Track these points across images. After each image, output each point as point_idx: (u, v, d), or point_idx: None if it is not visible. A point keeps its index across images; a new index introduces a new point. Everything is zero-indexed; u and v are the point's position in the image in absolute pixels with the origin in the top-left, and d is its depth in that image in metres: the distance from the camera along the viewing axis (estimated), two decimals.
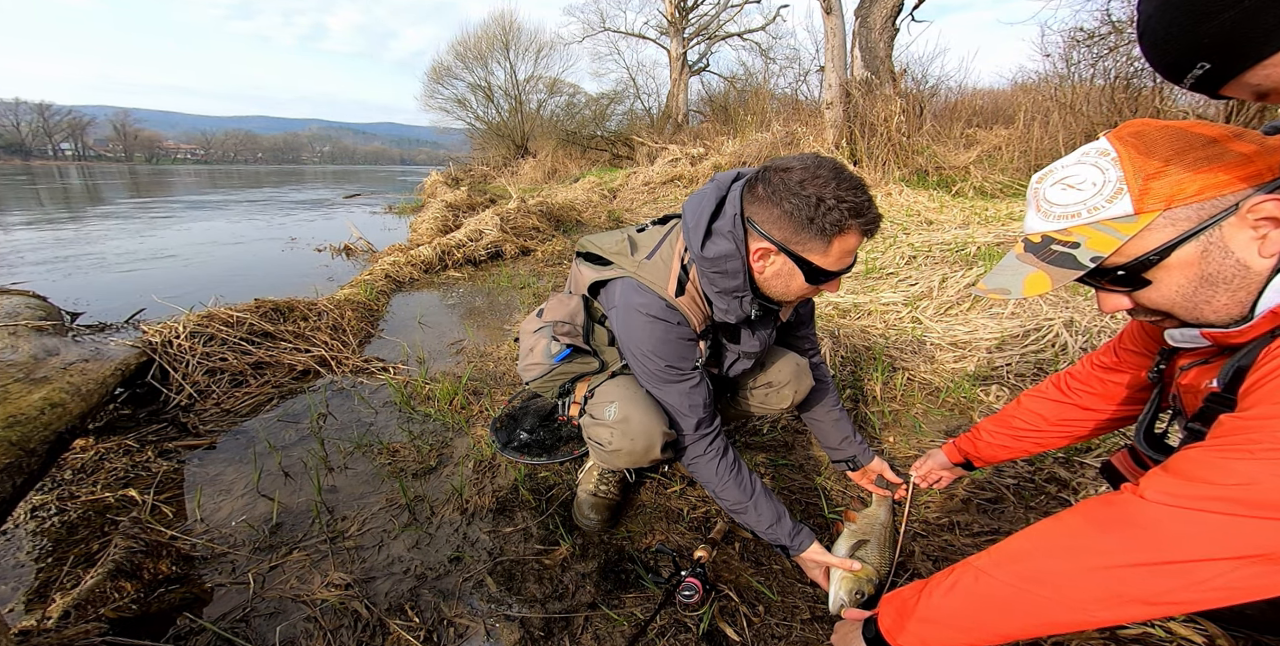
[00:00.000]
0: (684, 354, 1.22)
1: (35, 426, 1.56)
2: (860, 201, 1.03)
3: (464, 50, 22.96)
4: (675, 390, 1.23)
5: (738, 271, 1.12)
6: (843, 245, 1.06)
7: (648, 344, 1.19)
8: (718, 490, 1.26)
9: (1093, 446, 1.84)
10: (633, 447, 1.24)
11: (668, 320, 1.18)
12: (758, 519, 1.24)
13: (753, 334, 1.33)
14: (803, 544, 1.24)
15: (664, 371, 1.21)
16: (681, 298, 1.19)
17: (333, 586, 1.34)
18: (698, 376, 1.25)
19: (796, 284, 1.12)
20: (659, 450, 1.25)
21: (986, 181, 6.31)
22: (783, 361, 1.48)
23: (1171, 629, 1.16)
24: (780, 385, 1.47)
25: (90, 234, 7.43)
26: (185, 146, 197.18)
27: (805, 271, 1.09)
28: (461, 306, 3.97)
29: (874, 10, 7.27)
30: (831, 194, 1.01)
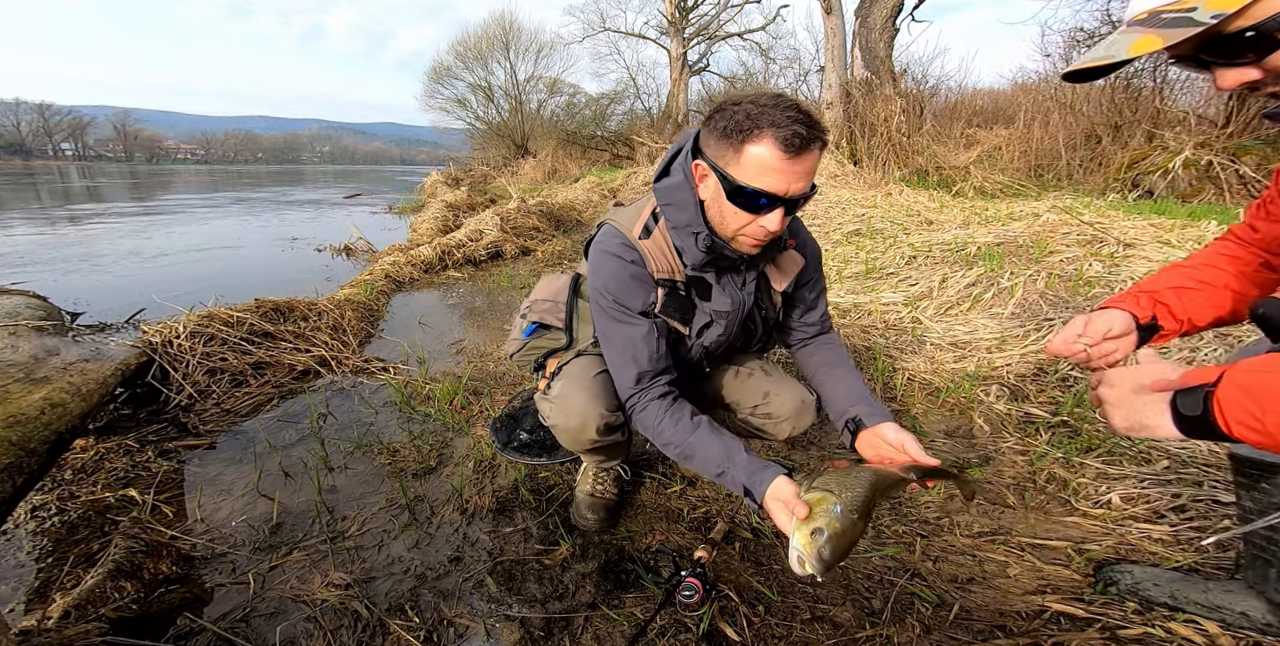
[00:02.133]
0: (634, 292, 1.20)
1: (35, 426, 1.56)
2: (780, 114, 0.96)
3: (464, 50, 22.97)
4: (622, 333, 1.20)
5: (687, 202, 1.12)
6: (756, 155, 0.98)
7: (600, 278, 1.21)
8: (658, 436, 1.17)
9: (1093, 446, 1.84)
10: (567, 424, 1.26)
11: (622, 257, 1.19)
12: (706, 457, 1.11)
13: (723, 291, 1.25)
14: (765, 480, 1.03)
15: (613, 308, 1.21)
16: (645, 241, 1.20)
17: (333, 586, 1.34)
18: (647, 324, 1.20)
19: (726, 207, 1.06)
20: (594, 431, 1.25)
21: (987, 181, 6.31)
22: (789, 395, 1.39)
23: (1172, 629, 1.16)
24: (779, 419, 1.41)
25: (90, 234, 7.44)
26: (185, 146, 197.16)
27: (727, 188, 1.03)
28: (461, 306, 3.97)
29: (874, 10, 7.27)
30: (754, 107, 0.98)
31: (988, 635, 1.19)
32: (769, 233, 1.06)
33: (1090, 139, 6.91)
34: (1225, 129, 5.80)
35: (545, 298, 1.51)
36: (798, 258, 1.31)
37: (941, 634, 1.20)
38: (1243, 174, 5.16)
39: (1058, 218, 3.66)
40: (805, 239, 1.34)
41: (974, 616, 1.24)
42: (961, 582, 1.35)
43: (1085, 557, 1.40)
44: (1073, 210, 3.90)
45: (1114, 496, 1.61)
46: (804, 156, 0.98)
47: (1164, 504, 1.57)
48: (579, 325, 1.44)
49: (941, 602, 1.28)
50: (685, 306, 1.25)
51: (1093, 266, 2.87)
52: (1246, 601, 1.13)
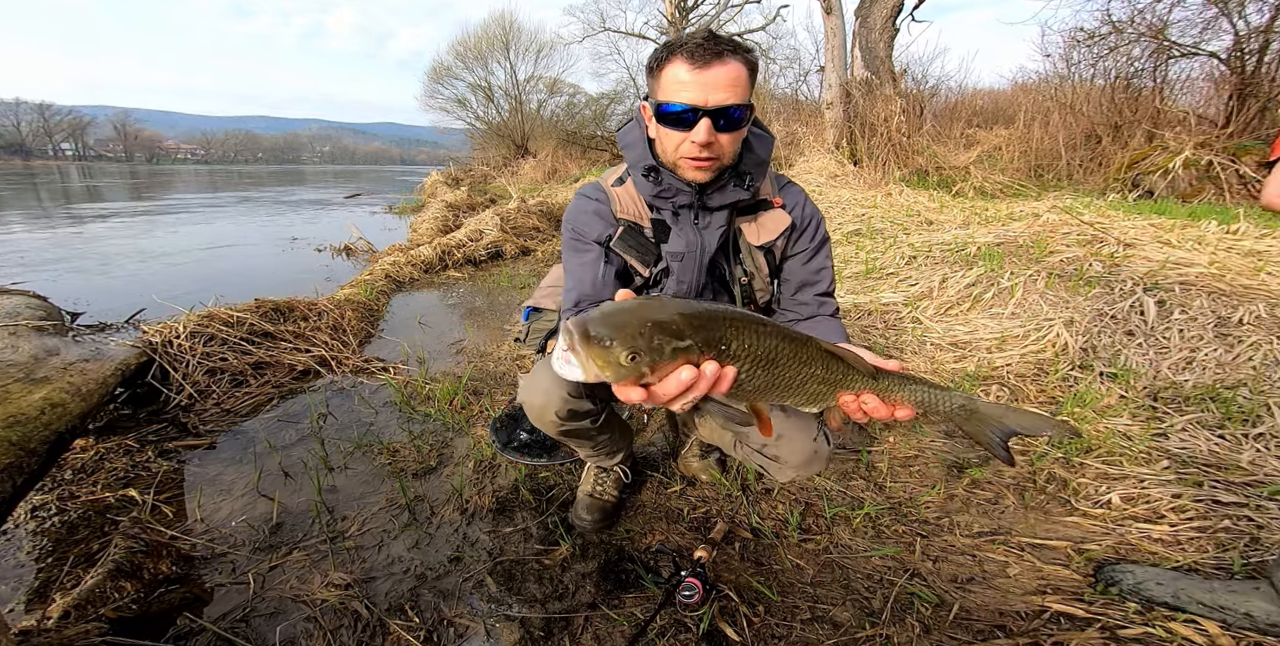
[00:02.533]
0: (592, 223, 1.27)
1: (35, 426, 1.56)
2: (689, 39, 1.05)
3: (464, 50, 22.95)
4: (575, 260, 1.27)
5: (638, 140, 1.21)
6: (670, 73, 1.07)
7: (568, 214, 1.30)
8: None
9: (1093, 447, 1.84)
10: (531, 401, 1.29)
11: (589, 196, 1.29)
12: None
13: (680, 232, 1.25)
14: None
15: (572, 238, 1.28)
16: (618, 188, 1.29)
17: (333, 586, 1.34)
18: (597, 251, 1.26)
19: (662, 132, 1.13)
20: (553, 413, 1.26)
21: (987, 181, 6.30)
22: (801, 441, 1.32)
23: (1172, 628, 1.16)
24: (785, 464, 1.35)
25: (90, 234, 7.43)
26: (185, 146, 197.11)
27: (656, 112, 1.11)
28: (461, 306, 3.97)
29: (874, 10, 7.27)
30: (673, 39, 1.08)
31: (987, 635, 1.19)
32: (700, 145, 1.09)
33: (1090, 139, 6.91)
34: (1225, 129, 5.80)
35: (549, 283, 1.61)
36: (783, 217, 1.28)
37: (941, 633, 1.20)
38: (1243, 174, 5.16)
39: (1058, 218, 3.66)
40: (799, 203, 1.31)
41: (974, 616, 1.24)
42: (961, 582, 1.35)
43: (1085, 557, 1.41)
44: (1073, 210, 3.90)
45: (1114, 496, 1.61)
46: (714, 66, 1.04)
47: (1164, 504, 1.57)
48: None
49: (941, 602, 1.28)
50: (645, 247, 1.27)
51: (1093, 266, 2.87)
52: (1251, 601, 1.13)
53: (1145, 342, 2.33)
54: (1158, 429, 1.89)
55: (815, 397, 0.82)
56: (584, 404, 1.28)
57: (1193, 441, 1.82)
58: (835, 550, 1.47)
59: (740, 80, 1.06)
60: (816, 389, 0.81)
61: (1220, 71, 6.34)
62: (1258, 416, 1.87)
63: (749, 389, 0.77)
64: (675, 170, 1.17)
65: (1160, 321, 2.39)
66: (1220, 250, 2.87)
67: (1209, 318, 2.35)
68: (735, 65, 1.05)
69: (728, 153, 1.14)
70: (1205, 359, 2.19)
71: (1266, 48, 5.77)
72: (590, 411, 1.31)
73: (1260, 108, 5.73)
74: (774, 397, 0.81)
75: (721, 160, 1.14)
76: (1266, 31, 5.74)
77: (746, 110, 1.09)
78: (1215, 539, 1.44)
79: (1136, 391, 2.12)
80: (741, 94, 1.07)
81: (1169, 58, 6.63)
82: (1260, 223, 3.43)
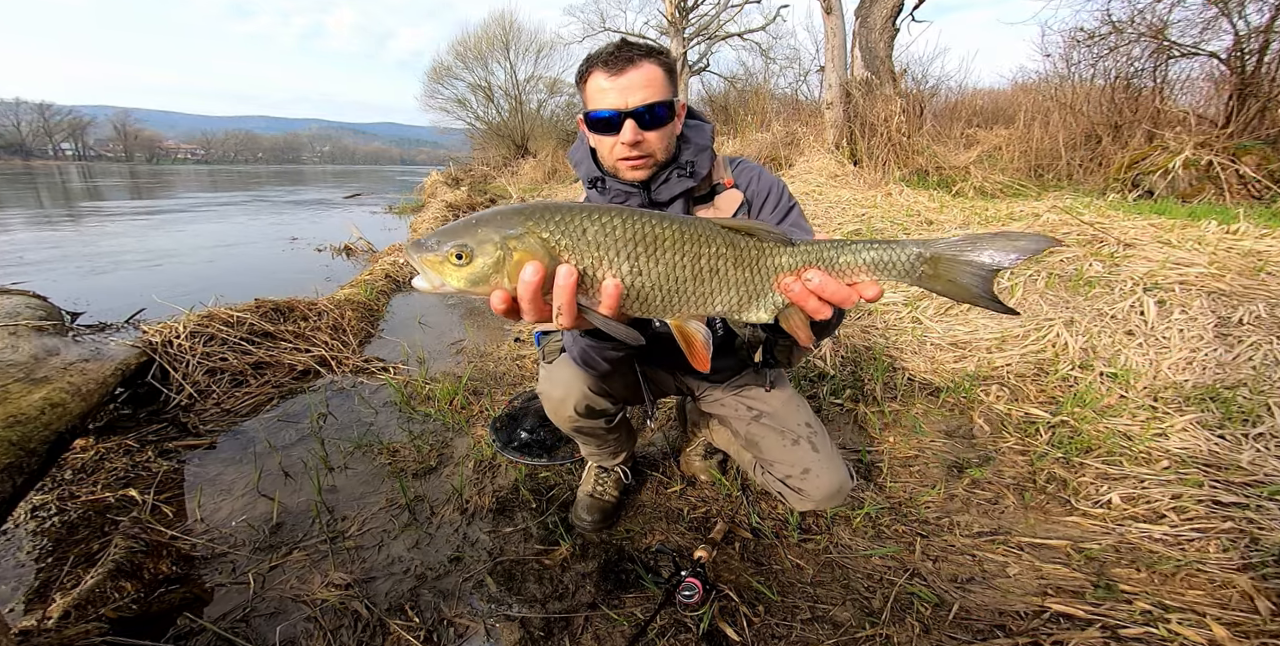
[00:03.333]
0: None
1: (35, 426, 1.56)
2: (603, 49, 1.13)
3: (464, 50, 22.95)
4: None
5: (584, 157, 1.28)
6: (592, 85, 1.14)
7: None
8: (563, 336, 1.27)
9: (1093, 447, 1.84)
10: (551, 393, 1.33)
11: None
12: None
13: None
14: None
15: None
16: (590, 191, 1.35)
17: (333, 586, 1.34)
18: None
19: (595, 140, 1.20)
20: (572, 407, 1.30)
21: (987, 181, 6.30)
22: (828, 477, 1.31)
23: (1174, 628, 1.16)
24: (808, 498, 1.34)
25: (90, 234, 7.43)
26: (185, 146, 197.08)
27: (587, 122, 1.18)
28: (461, 306, 3.96)
29: (874, 10, 7.27)
30: (590, 54, 1.15)
31: (987, 634, 1.19)
32: (628, 145, 1.14)
33: (1090, 139, 6.91)
34: (1225, 129, 5.79)
35: None
36: (735, 195, 1.29)
37: (941, 633, 1.20)
38: (1243, 174, 5.15)
39: (1058, 218, 3.66)
40: (751, 179, 1.31)
41: (973, 616, 1.24)
42: (961, 582, 1.35)
43: (1085, 556, 1.41)
44: (1073, 210, 3.90)
45: (1114, 496, 1.61)
46: (628, 71, 1.10)
47: (1164, 504, 1.57)
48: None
49: (941, 602, 1.28)
50: None
51: (1093, 266, 2.86)
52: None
53: (1145, 342, 2.33)
54: (1158, 429, 1.89)
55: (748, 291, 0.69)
56: (602, 401, 1.31)
57: (1193, 441, 1.82)
58: (835, 550, 1.47)
59: (656, 80, 1.12)
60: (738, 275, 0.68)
61: (1220, 71, 6.34)
62: (1258, 416, 1.87)
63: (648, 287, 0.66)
64: (616, 174, 1.23)
65: (1160, 321, 2.39)
66: (1220, 250, 2.87)
67: (1209, 318, 2.35)
68: (649, 67, 1.11)
69: (659, 148, 1.18)
70: (1205, 359, 2.19)
71: (1266, 48, 5.77)
72: (606, 410, 1.34)
73: (1260, 108, 5.72)
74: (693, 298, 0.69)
75: (655, 156, 1.18)
76: (1266, 31, 5.73)
77: (668, 107, 1.14)
78: (1215, 539, 1.44)
79: (1136, 391, 2.12)
80: (660, 92, 1.12)
81: (1169, 58, 6.62)
82: (1260, 222, 3.43)
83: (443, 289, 0.64)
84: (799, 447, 1.34)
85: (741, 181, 1.30)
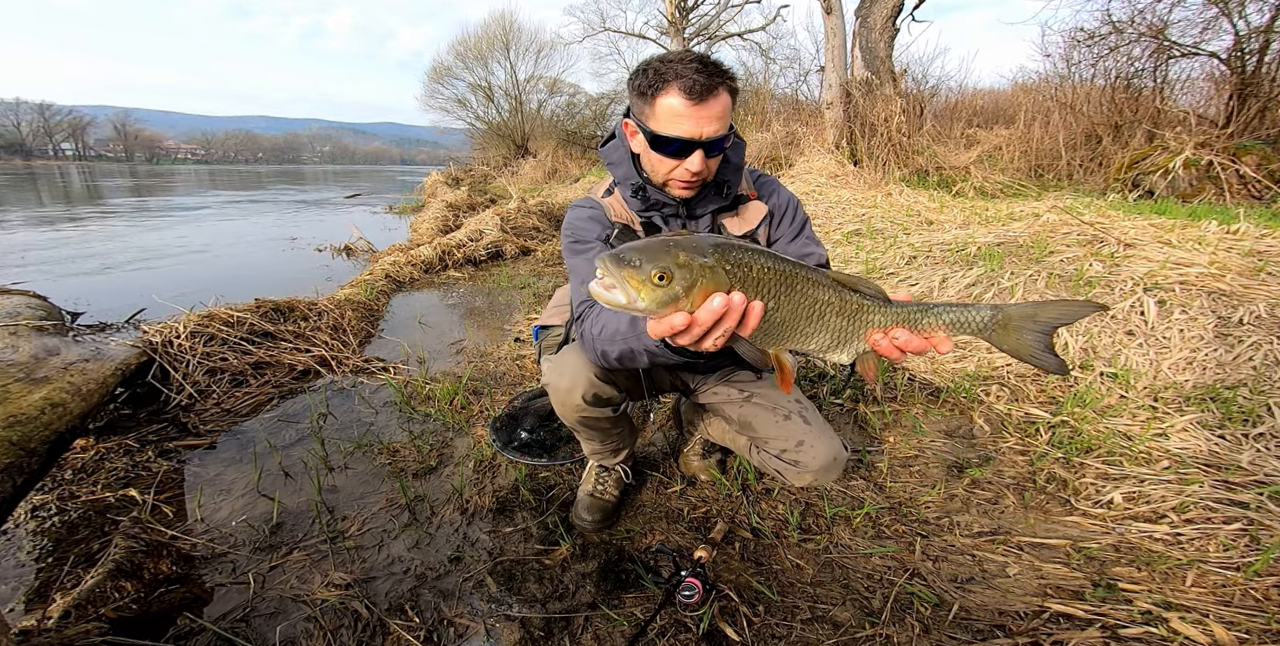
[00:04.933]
0: (589, 227, 1.31)
1: (36, 426, 1.56)
2: (683, 67, 1.07)
3: (464, 50, 22.94)
4: (580, 260, 1.30)
5: (623, 158, 1.27)
6: (666, 105, 1.09)
7: (566, 225, 1.35)
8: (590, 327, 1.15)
9: (1093, 447, 1.84)
10: (558, 383, 1.33)
11: (583, 206, 1.35)
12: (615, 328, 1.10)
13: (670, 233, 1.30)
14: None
15: (571, 245, 1.33)
16: (607, 198, 1.35)
17: (333, 586, 1.34)
18: (599, 247, 1.30)
19: (652, 155, 1.18)
20: (580, 395, 1.30)
21: (987, 181, 6.30)
22: (823, 447, 1.35)
23: (1175, 628, 1.16)
24: (805, 469, 1.38)
25: (90, 234, 7.44)
26: (185, 146, 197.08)
27: (648, 138, 1.15)
28: (462, 306, 3.96)
29: (874, 10, 7.26)
30: (661, 64, 1.09)
31: (987, 634, 1.19)
32: (692, 174, 1.16)
33: (1090, 139, 6.91)
34: (1225, 129, 5.79)
35: (555, 304, 1.66)
36: (760, 207, 1.35)
37: (941, 633, 1.20)
38: (1243, 174, 5.15)
39: (1058, 218, 3.66)
40: (772, 192, 1.39)
41: (973, 616, 1.24)
42: (961, 582, 1.35)
43: (1084, 556, 1.41)
44: (1073, 210, 3.90)
45: (1114, 496, 1.61)
46: (709, 101, 1.08)
47: (1164, 504, 1.57)
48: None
49: (941, 602, 1.28)
50: None
51: (1093, 266, 2.86)
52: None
53: (1145, 342, 2.33)
54: (1158, 429, 1.89)
55: (842, 337, 0.81)
56: (608, 389, 1.32)
57: (1193, 441, 1.82)
58: (835, 550, 1.47)
59: (727, 110, 1.12)
60: (837, 323, 0.80)
61: (1220, 71, 6.34)
62: (1258, 416, 1.87)
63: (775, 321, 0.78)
64: (663, 188, 1.24)
65: (1160, 321, 2.39)
66: (1220, 250, 2.87)
67: (1209, 318, 2.35)
68: (724, 96, 1.10)
69: (712, 172, 1.22)
70: (1205, 359, 2.19)
71: (1266, 48, 5.77)
72: (612, 398, 1.35)
73: (1260, 108, 5.72)
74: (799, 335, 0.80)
75: (706, 179, 1.22)
76: (1266, 31, 5.73)
77: (730, 138, 1.15)
78: (1215, 539, 1.44)
79: (1137, 391, 2.12)
80: (727, 122, 1.13)
81: (1169, 58, 6.62)
82: (1260, 223, 3.43)
83: (634, 305, 0.70)
84: (791, 422, 1.41)
85: (763, 194, 1.38)
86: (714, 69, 1.08)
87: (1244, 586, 1.28)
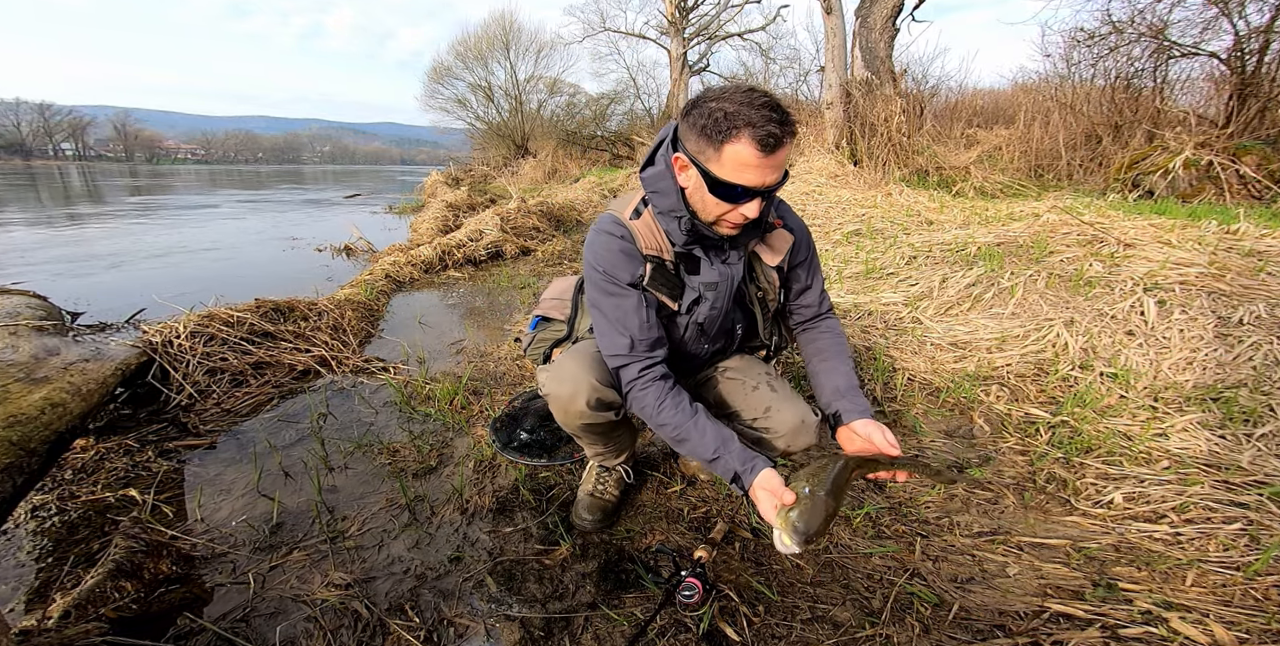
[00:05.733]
0: (623, 265, 1.26)
1: (36, 426, 1.56)
2: (756, 113, 1.03)
3: (464, 50, 22.92)
4: (612, 303, 1.27)
5: (670, 190, 1.20)
6: (735, 153, 1.06)
7: (592, 253, 1.29)
8: (656, 417, 1.23)
9: (1093, 447, 1.84)
10: (559, 391, 1.30)
11: (612, 233, 1.27)
12: (701, 443, 1.18)
13: (711, 265, 1.30)
14: (756, 468, 1.12)
15: (603, 279, 1.27)
16: (635, 221, 1.27)
17: (333, 586, 1.34)
18: (636, 295, 1.27)
19: (708, 197, 1.14)
20: (583, 402, 1.28)
21: (987, 181, 6.30)
22: (789, 412, 1.39)
23: (1175, 628, 1.16)
24: (776, 434, 1.40)
25: (90, 234, 7.44)
26: (185, 146, 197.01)
27: (708, 181, 1.11)
28: (462, 306, 3.97)
29: (874, 10, 7.26)
30: (731, 106, 1.04)
31: (987, 634, 1.19)
32: (748, 219, 1.15)
33: (1090, 139, 6.91)
34: (1225, 129, 5.79)
35: (553, 296, 1.65)
36: (787, 235, 1.36)
37: (941, 633, 1.20)
38: (1243, 174, 5.15)
39: (1058, 218, 3.66)
40: (791, 218, 1.40)
41: (973, 616, 1.24)
42: (961, 582, 1.35)
43: (1084, 556, 1.40)
44: (1073, 210, 3.90)
45: (1114, 496, 1.61)
46: (779, 152, 1.06)
47: (1164, 504, 1.57)
48: (580, 318, 1.50)
49: (941, 602, 1.28)
50: (673, 282, 1.30)
51: (1093, 266, 2.86)
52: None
53: (1145, 343, 2.33)
54: (1158, 429, 1.89)
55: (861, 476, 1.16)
56: (610, 393, 1.31)
57: (1193, 441, 1.82)
58: (835, 550, 1.47)
59: (789, 157, 1.14)
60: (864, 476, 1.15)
61: (1220, 71, 6.33)
62: (1259, 417, 1.87)
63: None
64: (711, 225, 1.21)
65: (1160, 321, 2.39)
66: (1220, 250, 2.87)
67: (1209, 318, 2.35)
68: (788, 144, 1.07)
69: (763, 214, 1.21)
70: (1205, 359, 2.19)
71: (1266, 48, 5.76)
72: (615, 403, 1.34)
73: (1260, 108, 5.72)
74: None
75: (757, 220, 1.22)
76: (1266, 31, 5.73)
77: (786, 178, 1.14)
78: (1215, 539, 1.44)
79: (1137, 391, 2.12)
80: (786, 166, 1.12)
81: (1169, 58, 6.62)
82: (1260, 223, 3.43)
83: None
84: (759, 391, 1.44)
85: (788, 222, 1.38)
86: (784, 117, 1.05)
87: (1244, 586, 1.28)
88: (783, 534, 0.99)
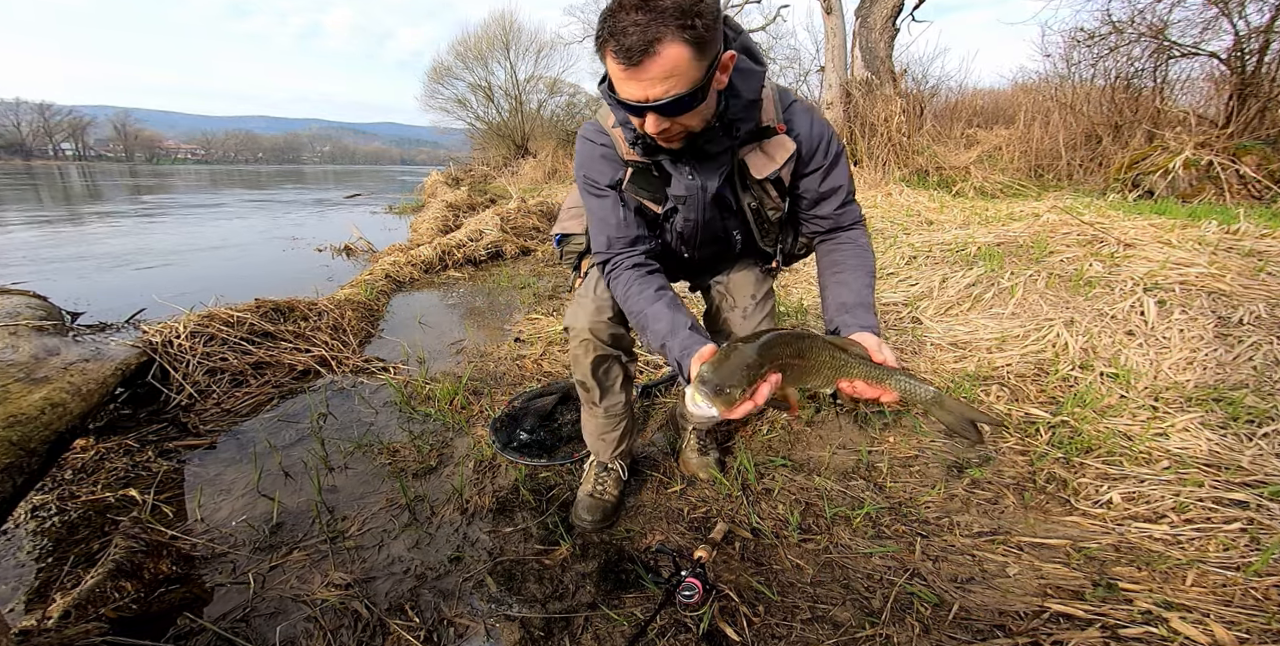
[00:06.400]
0: (601, 169, 1.29)
1: (36, 426, 1.56)
2: (616, 22, 0.89)
3: (464, 50, 22.93)
4: (595, 204, 1.31)
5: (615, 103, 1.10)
6: (611, 68, 0.96)
7: (577, 160, 1.34)
8: (625, 303, 1.28)
9: (1093, 447, 1.84)
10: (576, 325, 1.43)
11: (594, 140, 1.30)
12: (654, 330, 1.16)
13: (680, 176, 1.22)
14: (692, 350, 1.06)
15: (585, 184, 1.31)
16: (618, 129, 1.25)
17: (333, 586, 1.34)
18: (613, 196, 1.30)
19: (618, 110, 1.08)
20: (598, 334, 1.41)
21: (987, 181, 6.30)
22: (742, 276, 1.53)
23: (1175, 628, 1.16)
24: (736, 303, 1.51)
25: (90, 234, 7.44)
26: (186, 146, 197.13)
27: (608, 101, 1.05)
28: (462, 306, 3.96)
29: (874, 10, 7.27)
30: (607, 10, 0.93)
31: (987, 634, 1.19)
32: (656, 134, 1.05)
33: (1090, 139, 6.91)
34: (1225, 129, 5.79)
35: (568, 206, 1.65)
36: (788, 143, 1.21)
37: (941, 633, 1.20)
38: (1243, 174, 5.15)
39: (1058, 218, 3.66)
40: (800, 123, 1.24)
41: (973, 616, 1.24)
42: (961, 582, 1.35)
43: (1084, 556, 1.40)
44: (1073, 210, 3.90)
45: (1114, 496, 1.61)
46: (645, 64, 0.90)
47: (1164, 504, 1.57)
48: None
49: (941, 602, 1.28)
50: (653, 185, 1.27)
51: (1093, 266, 2.86)
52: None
53: (1145, 343, 2.33)
54: (1158, 429, 1.89)
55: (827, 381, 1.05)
56: (620, 329, 1.43)
57: (1193, 441, 1.82)
58: (835, 550, 1.47)
59: (679, 67, 0.91)
60: (827, 373, 1.03)
61: (1220, 71, 6.34)
62: (1261, 417, 1.87)
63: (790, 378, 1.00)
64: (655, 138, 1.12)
65: (1160, 321, 2.39)
66: (1220, 250, 2.87)
67: (1209, 318, 2.35)
68: (671, 52, 0.89)
69: (696, 123, 1.07)
70: (1205, 359, 2.19)
71: (1266, 48, 5.77)
72: (625, 337, 1.46)
73: (1260, 108, 5.72)
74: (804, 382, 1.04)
75: (691, 129, 1.08)
76: (1266, 31, 5.73)
77: (697, 94, 0.97)
78: (1215, 539, 1.44)
79: (1137, 391, 2.11)
80: (686, 81, 0.94)
81: (1169, 58, 6.62)
82: (1260, 223, 3.43)
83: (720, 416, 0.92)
84: (735, 312, 1.53)
85: (794, 128, 1.22)
86: (650, 22, 0.87)
87: (1244, 586, 1.28)
88: (693, 392, 0.89)
